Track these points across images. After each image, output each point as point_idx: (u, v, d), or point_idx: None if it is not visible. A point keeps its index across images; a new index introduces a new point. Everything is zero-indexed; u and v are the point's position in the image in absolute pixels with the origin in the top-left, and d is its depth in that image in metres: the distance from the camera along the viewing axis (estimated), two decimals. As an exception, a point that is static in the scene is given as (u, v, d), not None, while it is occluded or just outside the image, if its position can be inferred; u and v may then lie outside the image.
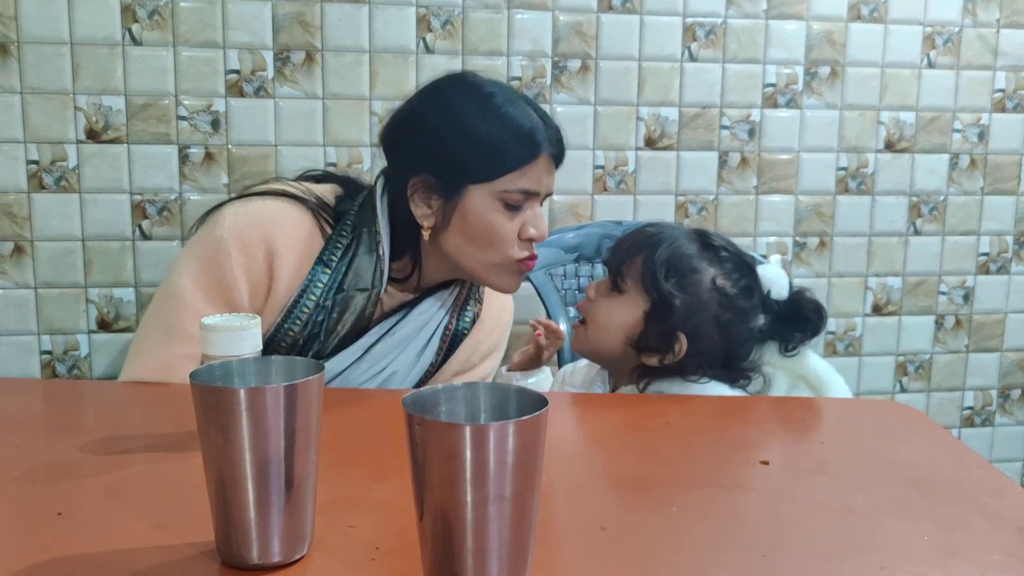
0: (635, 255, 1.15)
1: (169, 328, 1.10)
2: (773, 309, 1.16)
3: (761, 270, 1.17)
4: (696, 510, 0.75)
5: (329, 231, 1.15)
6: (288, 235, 1.12)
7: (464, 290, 1.25)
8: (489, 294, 1.29)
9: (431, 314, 1.21)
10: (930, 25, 1.84)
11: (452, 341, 1.24)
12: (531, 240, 1.13)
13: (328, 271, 1.13)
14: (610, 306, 1.15)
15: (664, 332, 1.11)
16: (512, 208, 1.11)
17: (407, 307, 1.20)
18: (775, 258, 1.22)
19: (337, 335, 1.14)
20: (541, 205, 1.15)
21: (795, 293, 1.17)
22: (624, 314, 1.14)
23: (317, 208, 1.16)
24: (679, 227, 1.19)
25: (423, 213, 1.12)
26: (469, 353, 1.26)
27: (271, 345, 1.13)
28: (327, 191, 1.20)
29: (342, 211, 1.18)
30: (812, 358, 1.18)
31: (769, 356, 1.18)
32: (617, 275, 1.16)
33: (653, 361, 1.13)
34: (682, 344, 1.11)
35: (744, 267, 1.15)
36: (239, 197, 1.17)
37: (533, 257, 1.15)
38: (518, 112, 1.10)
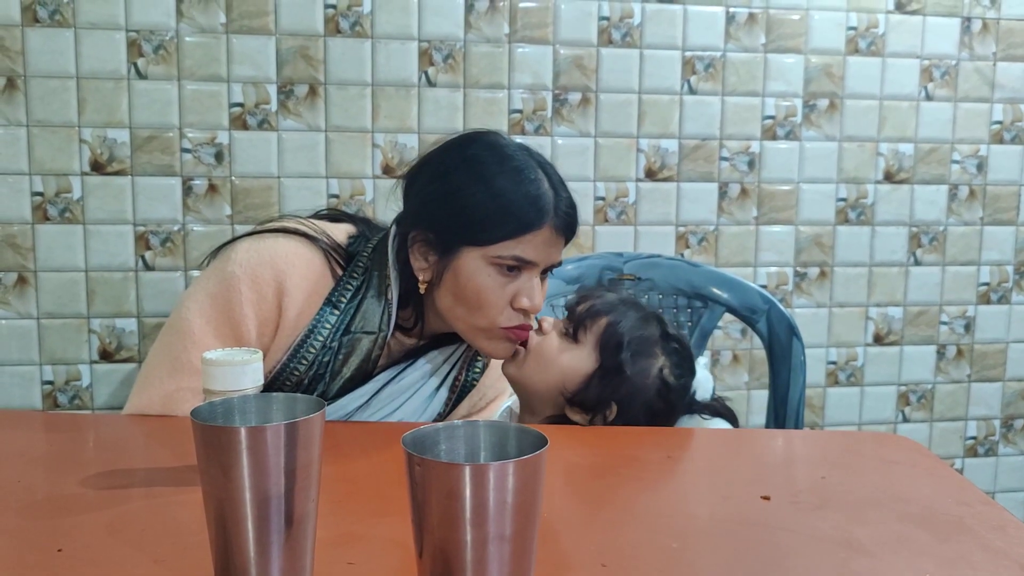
0: (602, 315, 1.13)
1: (176, 362, 1.10)
2: (692, 408, 1.19)
3: None
4: (697, 545, 0.75)
5: (340, 272, 1.15)
6: (299, 274, 1.12)
7: None
8: None
9: (439, 363, 1.20)
10: (927, 58, 1.85)
11: (461, 391, 1.23)
12: (524, 312, 1.09)
13: (336, 312, 1.13)
14: (561, 348, 1.13)
15: (602, 397, 1.11)
16: (507, 275, 1.07)
17: (415, 354, 1.19)
18: (701, 360, 1.24)
19: (342, 377, 1.14)
20: (545, 276, 1.12)
21: (716, 398, 1.21)
22: (571, 363, 1.12)
23: (329, 248, 1.15)
24: (642, 304, 1.19)
25: (420, 267, 1.11)
26: (477, 399, 1.25)
27: (276, 384, 1.13)
28: (340, 231, 1.20)
29: (354, 252, 1.17)
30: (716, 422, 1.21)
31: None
32: (578, 326, 1.14)
33: (578, 419, 1.13)
34: (612, 413, 1.12)
35: (688, 365, 1.17)
36: (252, 233, 1.17)
37: (524, 328, 1.11)
38: (525, 180, 1.07)
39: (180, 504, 0.81)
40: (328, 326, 1.12)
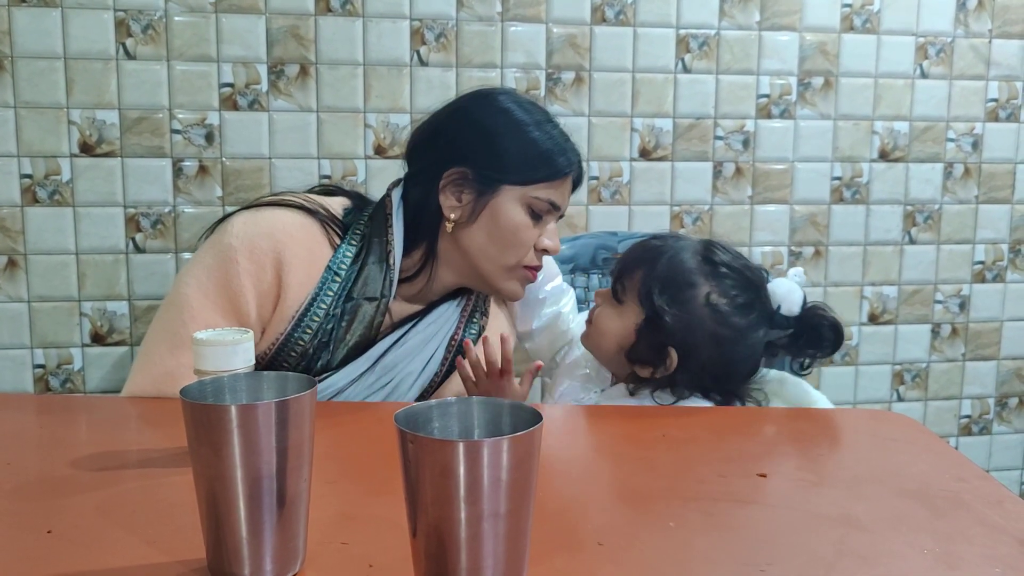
0: (636, 268, 1.17)
1: (175, 337, 1.09)
2: (783, 325, 1.14)
3: (772, 285, 1.15)
4: (694, 524, 0.75)
5: (338, 241, 1.17)
6: (298, 244, 1.13)
7: (471, 301, 1.26)
8: (495, 311, 1.30)
9: (440, 324, 1.22)
10: (923, 35, 1.84)
11: (457, 350, 1.24)
12: (545, 251, 1.19)
13: (338, 279, 1.14)
14: (609, 314, 1.18)
15: (655, 346, 1.13)
16: (535, 217, 1.16)
17: (416, 317, 1.21)
18: (794, 271, 1.18)
19: (346, 345, 1.15)
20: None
21: (809, 309, 1.14)
22: (619, 324, 1.16)
23: (326, 220, 1.17)
24: (685, 239, 1.19)
25: (452, 205, 1.16)
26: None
27: (281, 355, 1.13)
28: (335, 204, 1.22)
29: (350, 223, 1.19)
30: (814, 394, 1.18)
31: (771, 385, 1.18)
32: (617, 285, 1.18)
33: (645, 373, 1.15)
34: (672, 359, 1.13)
35: (746, 283, 1.13)
36: (248, 207, 1.17)
37: (539, 268, 1.21)
38: (556, 130, 1.17)
39: (172, 485, 0.80)
40: (331, 293, 1.13)
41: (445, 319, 1.23)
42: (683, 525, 0.74)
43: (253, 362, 0.83)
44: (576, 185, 1.20)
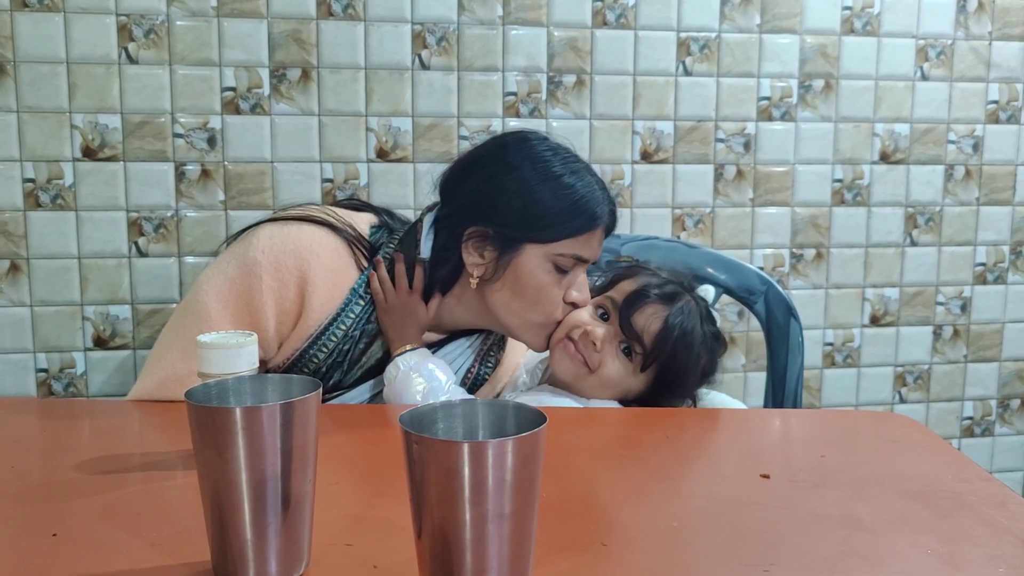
0: (664, 342, 1.13)
1: (189, 344, 1.08)
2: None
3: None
4: (697, 524, 0.75)
5: (364, 263, 1.15)
6: (323, 264, 1.11)
7: (491, 337, 1.25)
8: (511, 344, 1.29)
9: (456, 355, 1.21)
10: (923, 38, 1.84)
11: (472, 384, 1.23)
12: (573, 304, 1.15)
13: (361, 302, 1.13)
14: (622, 372, 1.14)
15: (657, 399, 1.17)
16: (560, 271, 1.12)
17: (434, 347, 1.19)
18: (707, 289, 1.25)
19: (361, 367, 1.14)
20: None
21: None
22: (635, 384, 1.16)
23: (353, 240, 1.15)
24: (695, 306, 1.18)
25: (475, 262, 1.12)
26: (488, 393, 1.26)
27: (293, 371, 1.12)
28: (362, 221, 1.20)
29: (378, 243, 1.17)
30: (731, 403, 1.25)
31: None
32: (638, 342, 1.13)
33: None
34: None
35: (724, 346, 1.22)
36: (275, 219, 1.15)
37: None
38: (582, 182, 1.11)
39: (176, 488, 0.80)
40: (352, 315, 1.12)
41: (462, 352, 1.21)
42: (686, 525, 0.74)
43: (257, 365, 0.83)
44: (608, 232, 1.16)
